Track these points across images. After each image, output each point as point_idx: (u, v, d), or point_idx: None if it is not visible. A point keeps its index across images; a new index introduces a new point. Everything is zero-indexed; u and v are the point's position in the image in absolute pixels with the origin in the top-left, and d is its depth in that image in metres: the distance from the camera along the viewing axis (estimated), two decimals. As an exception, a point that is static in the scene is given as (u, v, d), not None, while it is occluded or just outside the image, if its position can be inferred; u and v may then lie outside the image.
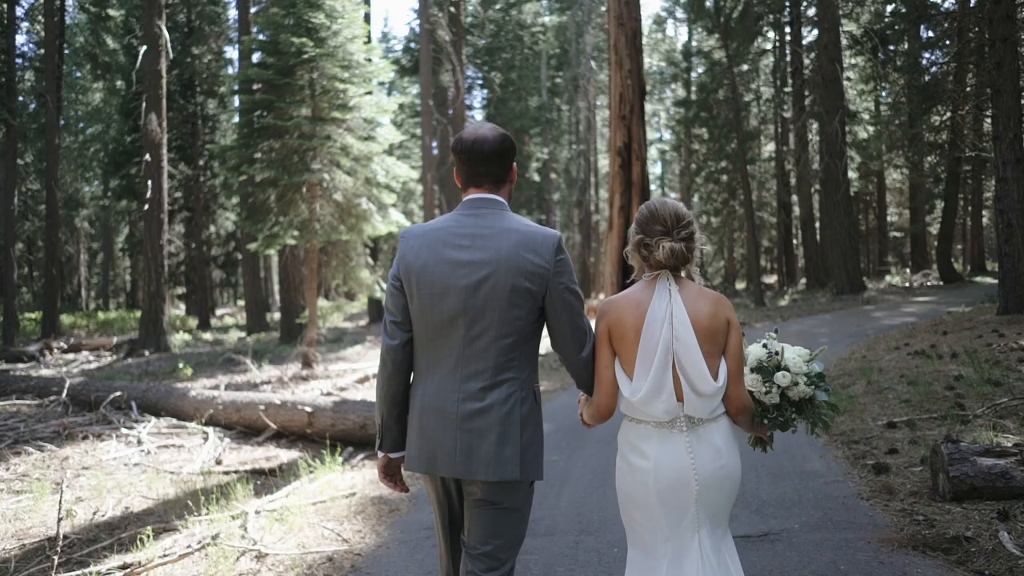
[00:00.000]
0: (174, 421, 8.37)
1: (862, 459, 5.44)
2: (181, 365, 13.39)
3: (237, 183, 14.20)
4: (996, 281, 27.02)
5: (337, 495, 5.27)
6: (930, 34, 27.96)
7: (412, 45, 32.04)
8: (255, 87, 13.75)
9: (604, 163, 41.74)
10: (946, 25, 25.84)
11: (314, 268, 13.23)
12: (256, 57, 14.96)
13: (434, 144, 24.51)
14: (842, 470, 5.22)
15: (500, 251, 2.31)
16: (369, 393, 10.10)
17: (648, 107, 31.27)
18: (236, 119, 19.11)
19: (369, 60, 13.69)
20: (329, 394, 9.66)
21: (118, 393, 8.93)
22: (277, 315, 24.50)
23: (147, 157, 18.91)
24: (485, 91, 36.56)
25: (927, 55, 29.91)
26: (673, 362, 2.25)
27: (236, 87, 14.35)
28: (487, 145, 2.41)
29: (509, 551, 2.37)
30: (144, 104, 19.08)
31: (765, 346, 2.46)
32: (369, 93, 13.97)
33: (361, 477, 5.89)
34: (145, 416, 8.55)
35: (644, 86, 18.51)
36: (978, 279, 27.96)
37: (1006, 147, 12.39)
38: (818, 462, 5.47)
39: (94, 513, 5.08)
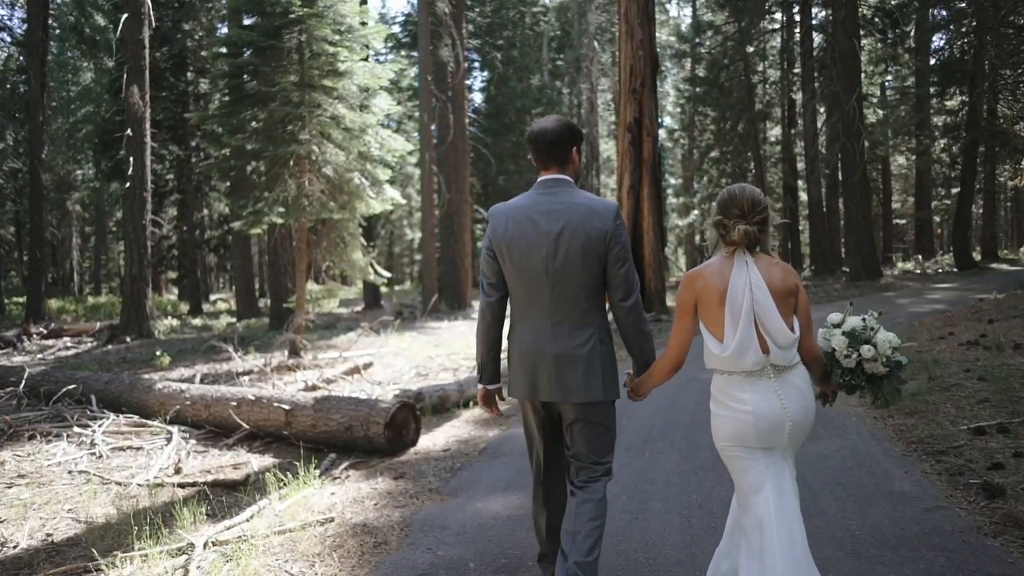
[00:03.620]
0: (136, 418, 7.34)
1: (959, 476, 4.42)
2: (159, 353, 12.36)
3: (220, 156, 13.09)
4: (1012, 268, 26.35)
5: (311, 520, 4.24)
6: (943, 14, 26.92)
7: (411, 16, 30.71)
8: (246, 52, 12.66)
9: (606, 147, 40.62)
10: (961, 5, 24.79)
11: (303, 249, 12.18)
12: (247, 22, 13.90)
13: (433, 127, 23.37)
14: (940, 491, 4.21)
15: (572, 221, 2.83)
16: (359, 385, 9.07)
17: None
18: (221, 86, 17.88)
19: (364, 24, 12.59)
20: (314, 387, 8.62)
21: (72, 386, 7.89)
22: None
23: (128, 132, 17.87)
24: (485, 72, 35.32)
25: (939, 36, 28.95)
26: (755, 321, 2.58)
27: (222, 51, 13.19)
28: (548, 135, 2.93)
29: (606, 454, 3.00)
30: (125, 76, 17.99)
31: (864, 319, 2.70)
32: (365, 60, 12.87)
33: (343, 494, 4.85)
34: (104, 412, 7.51)
35: (656, 57, 17.39)
36: (993, 266, 27.04)
37: (1058, 119, 11.35)
38: (905, 479, 4.45)
39: (1, 544, 4.06)
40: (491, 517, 4.26)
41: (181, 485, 5.22)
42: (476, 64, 34.86)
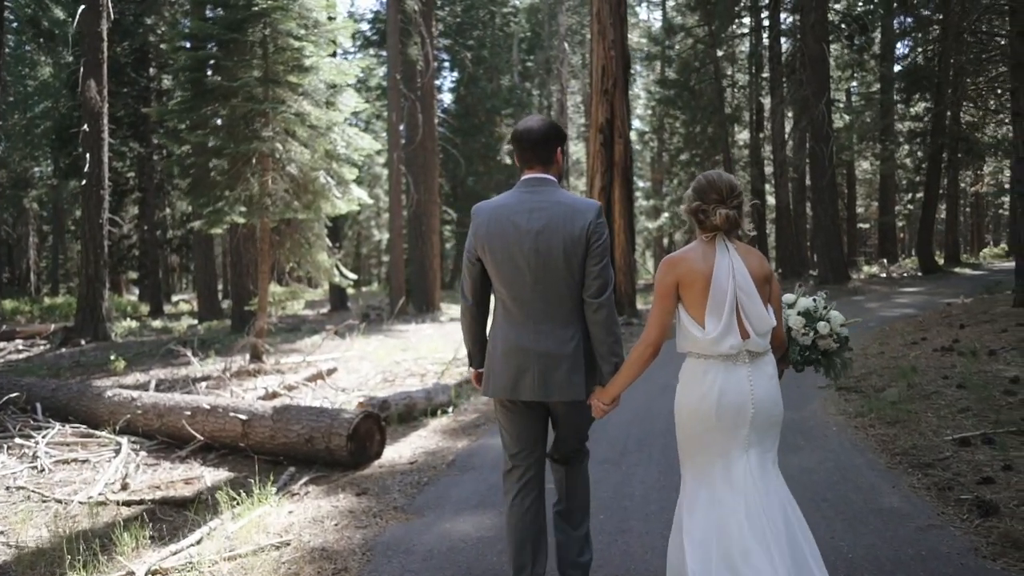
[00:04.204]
0: (84, 428, 6.94)
1: (949, 491, 4.24)
2: (113, 357, 11.88)
3: (180, 153, 12.63)
4: (975, 272, 26.71)
5: (265, 543, 3.92)
6: (908, 20, 27.18)
7: (380, 13, 30.18)
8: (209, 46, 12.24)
9: (575, 149, 40.50)
10: (926, 12, 25.02)
11: (266, 250, 11.79)
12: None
13: (401, 127, 22.99)
14: (931, 508, 4.01)
15: (554, 219, 2.83)
16: (322, 392, 8.72)
17: (625, 88, 29.93)
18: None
19: (332, 19, 12.24)
20: (274, 394, 8.26)
21: (15, 394, 7.46)
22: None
23: (85, 128, 17.24)
24: (455, 72, 34.98)
25: (904, 44, 29.28)
26: (737, 307, 2.59)
27: (183, 45, 12.71)
28: (534, 134, 2.94)
29: (586, 437, 3.17)
30: (82, 70, 17.38)
31: (815, 300, 2.91)
32: (333, 55, 12.50)
33: (301, 513, 4.53)
34: (50, 421, 7.10)
35: (628, 58, 17.25)
36: (956, 270, 27.38)
37: (1027, 124, 11.37)
38: (894, 495, 4.26)
39: (-82, 575, 3.71)
40: (460, 539, 3.98)
41: (126, 503, 4.87)
42: (446, 64, 34.52)
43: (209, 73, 12.08)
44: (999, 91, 23.63)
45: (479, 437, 6.42)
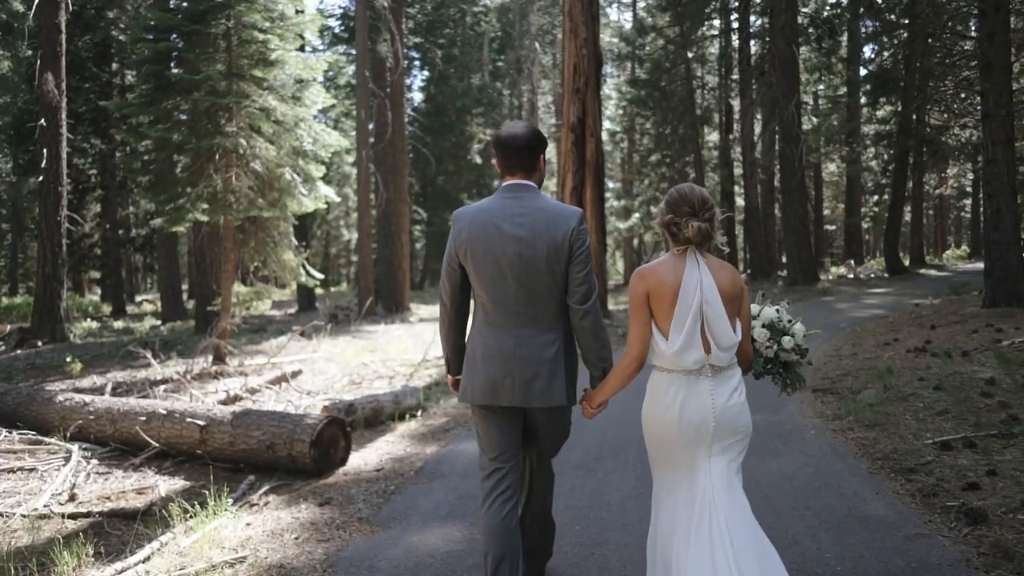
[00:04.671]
0: (32, 435, 6.60)
1: (934, 497, 4.11)
2: (69, 359, 11.46)
3: (141, 148, 12.22)
4: (939, 273, 27.06)
5: (220, 560, 3.67)
6: (876, 24, 27.43)
7: (349, 10, 29.74)
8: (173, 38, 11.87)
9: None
10: (892, 17, 25.24)
11: (229, 248, 11.46)
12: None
13: (371, 126, 22.65)
14: (918, 516, 3.87)
15: (537, 226, 2.84)
16: (286, 395, 8.43)
17: (596, 88, 29.85)
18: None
19: (300, 12, 11.94)
20: (236, 398, 7.96)
21: (-42, 399, 7.09)
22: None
23: (42, 122, 16.75)
24: (425, 71, 34.64)
25: (871, 48, 29.56)
26: (702, 322, 2.60)
27: (143, 36, 12.27)
28: (519, 140, 2.93)
29: (559, 445, 3.23)
30: (39, 62, 16.89)
31: (778, 311, 2.90)
32: (301, 49, 12.20)
33: (260, 525, 4.27)
34: (-4, 428, 6.75)
35: (600, 56, 17.11)
36: (922, 271, 27.71)
37: (997, 126, 11.40)
38: (878, 502, 4.12)
39: None
40: (428, 554, 3.76)
41: (72, 516, 4.57)
42: (416, 62, 34.15)
43: (172, 66, 11.73)
44: (963, 95, 23.93)
45: (449, 442, 6.20)
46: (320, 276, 12.77)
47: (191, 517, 4.25)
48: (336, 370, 10.59)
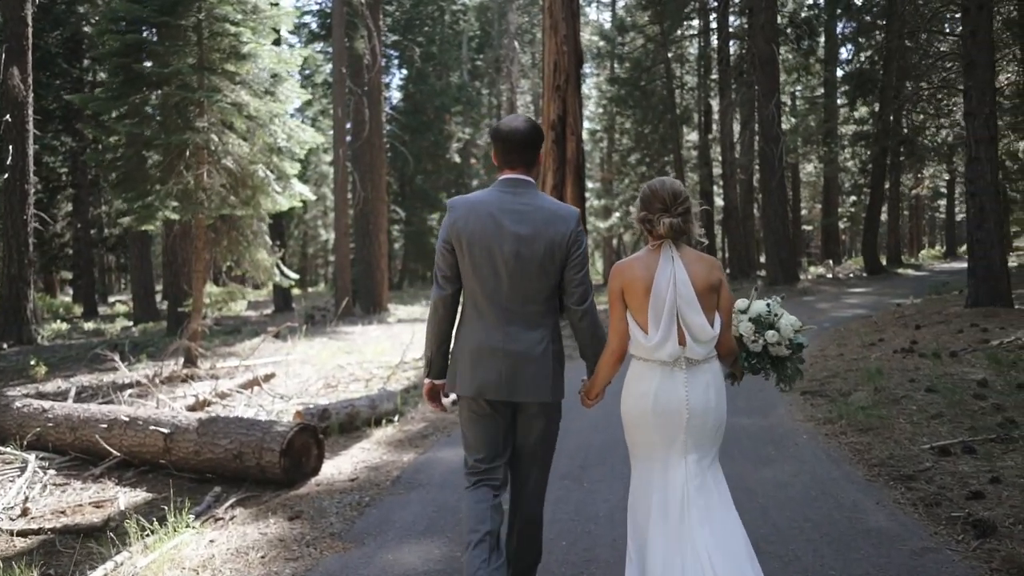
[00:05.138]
0: (-13, 443, 6.26)
1: (937, 507, 3.91)
2: (34, 362, 11.06)
3: (108, 143, 11.83)
4: (918, 273, 27.19)
5: (178, 583, 3.40)
6: (853, 25, 27.50)
7: (326, 5, 29.26)
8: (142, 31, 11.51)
9: (526, 148, 40.14)
10: (867, 18, 25.30)
11: (200, 247, 11.13)
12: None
13: (348, 124, 22.28)
14: (922, 528, 3.68)
15: (537, 223, 2.82)
16: (258, 399, 8.12)
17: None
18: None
19: (275, 5, 11.63)
20: (205, 403, 7.65)
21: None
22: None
23: (8, 118, 16.26)
24: (403, 70, 34.26)
25: (848, 49, 29.67)
26: (677, 315, 2.63)
27: (110, 28, 11.85)
28: (519, 134, 2.90)
29: (551, 445, 3.08)
30: (4, 56, 16.38)
31: (768, 305, 2.78)
32: (276, 43, 11.87)
33: (224, 542, 3.99)
34: (-51, 436, 6.40)
35: (581, 54, 16.89)
36: (899, 271, 27.84)
37: (980, 124, 11.32)
38: (879, 513, 3.92)
39: None
40: (404, 574, 3.50)
41: (22, 533, 4.26)
42: (394, 60, 33.81)
43: (141, 59, 11.36)
44: (939, 97, 24.04)
45: (427, 449, 5.94)
46: (295, 276, 12.46)
47: (150, 534, 3.96)
48: (311, 372, 10.29)
